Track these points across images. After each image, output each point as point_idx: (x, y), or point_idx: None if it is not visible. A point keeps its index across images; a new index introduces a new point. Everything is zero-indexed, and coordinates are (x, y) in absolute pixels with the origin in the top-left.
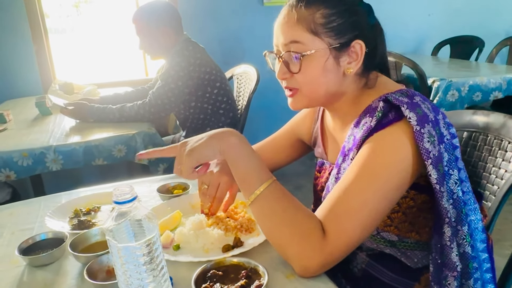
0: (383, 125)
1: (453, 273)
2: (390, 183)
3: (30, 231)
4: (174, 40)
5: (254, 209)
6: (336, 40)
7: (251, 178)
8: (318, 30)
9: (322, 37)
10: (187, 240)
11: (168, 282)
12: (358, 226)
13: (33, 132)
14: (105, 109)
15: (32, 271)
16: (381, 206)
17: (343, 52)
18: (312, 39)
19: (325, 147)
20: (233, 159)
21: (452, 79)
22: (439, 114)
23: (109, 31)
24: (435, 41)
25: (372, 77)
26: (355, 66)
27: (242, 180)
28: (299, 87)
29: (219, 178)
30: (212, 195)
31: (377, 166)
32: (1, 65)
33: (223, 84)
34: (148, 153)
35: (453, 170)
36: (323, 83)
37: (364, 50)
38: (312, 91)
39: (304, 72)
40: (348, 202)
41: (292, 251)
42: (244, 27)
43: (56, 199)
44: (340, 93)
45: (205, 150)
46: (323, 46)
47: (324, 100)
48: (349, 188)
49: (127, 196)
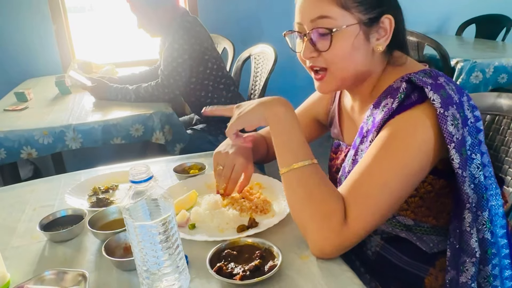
0: (405, 107)
1: (471, 259)
2: (410, 167)
3: (51, 207)
4: (173, 15)
5: (284, 181)
6: (366, 15)
7: (288, 152)
8: (348, 4)
9: (353, 11)
10: (203, 219)
11: (183, 260)
12: (377, 211)
13: (53, 111)
14: (122, 90)
15: (53, 246)
16: (401, 190)
17: (373, 28)
18: (342, 13)
19: (341, 127)
20: (275, 128)
21: (476, 60)
22: (464, 96)
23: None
24: (460, 20)
25: (397, 55)
26: (384, 42)
27: (280, 150)
28: (327, 66)
29: (234, 159)
30: (227, 176)
31: (398, 149)
32: (22, 44)
33: (218, 57)
34: (211, 111)
35: (475, 155)
36: (353, 62)
37: (393, 26)
38: (342, 69)
39: (333, 49)
40: (369, 185)
41: (311, 229)
42: (262, 6)
43: (76, 177)
44: (367, 73)
45: (251, 115)
46: (354, 21)
47: (353, 80)
48: (369, 171)
49: (143, 176)
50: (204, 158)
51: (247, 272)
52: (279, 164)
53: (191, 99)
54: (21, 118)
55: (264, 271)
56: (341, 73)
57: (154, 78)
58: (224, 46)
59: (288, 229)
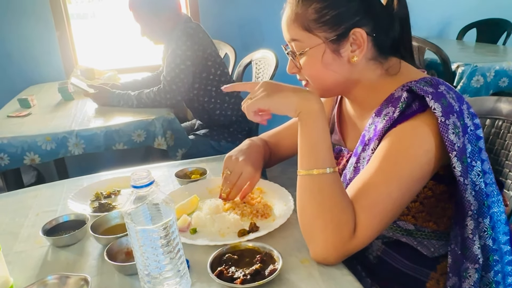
0: (407, 117)
1: (474, 265)
2: (413, 176)
3: (54, 212)
4: (176, 22)
5: (301, 182)
6: (332, 33)
7: (312, 155)
8: (311, 26)
9: (316, 33)
10: (204, 224)
11: (184, 265)
12: (383, 220)
13: (56, 117)
14: (124, 96)
15: (56, 251)
16: (404, 198)
17: (343, 43)
18: (307, 36)
19: (343, 133)
20: (306, 125)
21: (477, 64)
22: (464, 104)
23: (130, 18)
24: (461, 24)
25: (394, 63)
26: (360, 53)
27: (304, 152)
28: (308, 80)
29: (243, 167)
30: (232, 182)
31: (401, 159)
32: (25, 51)
33: (221, 63)
34: (232, 86)
35: (476, 162)
36: (328, 75)
37: (365, 37)
38: (319, 84)
39: (304, 69)
40: (375, 195)
41: (322, 238)
42: (263, 11)
43: (78, 183)
44: (353, 81)
45: (282, 101)
46: (318, 42)
47: (338, 90)
48: (373, 181)
49: (144, 181)
50: (205, 163)
51: (248, 276)
52: (299, 164)
53: (194, 104)
54: (24, 124)
55: (264, 275)
56: (320, 85)
57: (157, 84)
58: (225, 51)
59: (288, 234)
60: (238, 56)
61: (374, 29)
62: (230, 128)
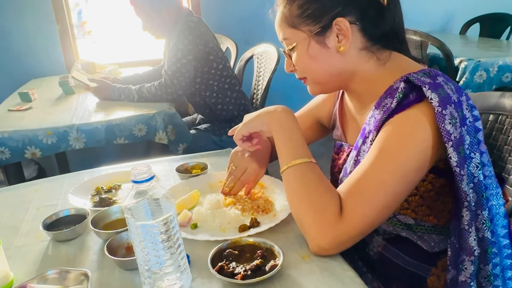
0: (404, 107)
1: (470, 257)
2: (408, 165)
3: (54, 207)
4: (177, 16)
5: (284, 178)
6: (316, 25)
7: (287, 151)
8: (295, 22)
9: (301, 28)
10: (205, 219)
11: (184, 260)
12: (374, 207)
13: (57, 111)
14: (125, 90)
15: (56, 245)
16: (399, 188)
17: (327, 34)
18: (294, 33)
19: (344, 129)
20: (275, 130)
21: (480, 59)
22: (463, 96)
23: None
24: (464, 19)
25: (387, 54)
26: (346, 43)
27: (280, 151)
28: (304, 75)
29: (248, 163)
30: (237, 177)
31: (395, 147)
32: (26, 44)
33: (223, 57)
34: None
35: (474, 154)
36: (318, 67)
37: (348, 26)
38: (314, 77)
39: (297, 64)
40: (365, 182)
41: (307, 223)
42: (265, 6)
43: (79, 177)
44: (349, 73)
45: (255, 121)
46: (303, 36)
47: (335, 83)
48: (367, 169)
49: (144, 176)
50: (206, 158)
51: (249, 272)
52: (280, 164)
53: (195, 99)
54: (25, 118)
55: (265, 270)
56: (314, 79)
57: (158, 78)
58: (227, 45)
59: (289, 229)
60: (240, 51)
61: (360, 18)
62: (231, 122)
